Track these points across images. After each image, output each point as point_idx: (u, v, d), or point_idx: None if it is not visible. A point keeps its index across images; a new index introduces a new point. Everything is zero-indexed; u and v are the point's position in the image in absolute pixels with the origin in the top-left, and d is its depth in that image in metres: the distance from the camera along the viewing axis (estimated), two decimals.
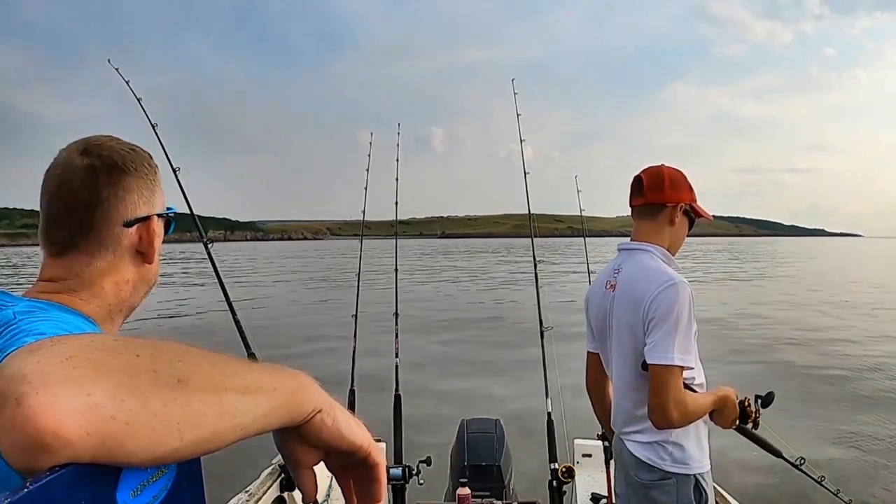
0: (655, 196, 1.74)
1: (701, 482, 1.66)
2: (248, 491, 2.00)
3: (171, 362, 0.37)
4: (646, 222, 1.77)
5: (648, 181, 1.75)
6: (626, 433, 1.75)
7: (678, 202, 1.74)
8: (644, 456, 1.68)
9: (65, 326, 0.66)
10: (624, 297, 1.68)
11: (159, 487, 0.39)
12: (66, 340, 0.35)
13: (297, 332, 11.35)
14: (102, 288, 0.77)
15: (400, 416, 2.82)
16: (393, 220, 3.38)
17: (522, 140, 3.10)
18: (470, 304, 16.51)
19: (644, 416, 1.62)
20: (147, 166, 0.81)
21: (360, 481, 0.50)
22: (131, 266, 0.80)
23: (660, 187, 1.73)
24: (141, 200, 0.79)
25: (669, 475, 1.64)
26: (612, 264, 1.81)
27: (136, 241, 0.79)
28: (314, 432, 0.45)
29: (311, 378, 0.46)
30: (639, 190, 1.77)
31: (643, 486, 1.69)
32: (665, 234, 1.75)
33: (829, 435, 5.63)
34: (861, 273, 31.49)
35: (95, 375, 0.33)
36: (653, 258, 1.70)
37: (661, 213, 1.74)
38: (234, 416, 0.39)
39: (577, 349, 3.68)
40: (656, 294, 1.57)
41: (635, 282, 1.66)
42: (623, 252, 1.80)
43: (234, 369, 0.41)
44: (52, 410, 0.31)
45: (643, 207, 1.77)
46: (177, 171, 1.98)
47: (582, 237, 3.36)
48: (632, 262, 1.73)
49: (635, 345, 1.63)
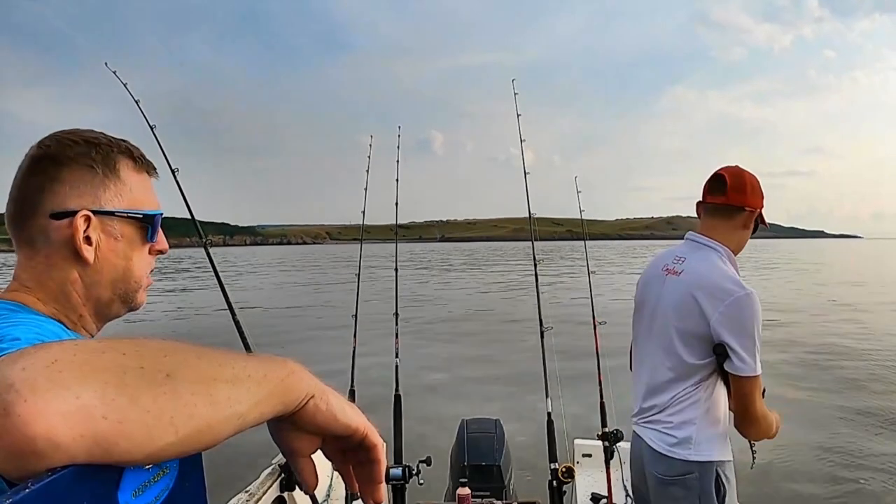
0: (737, 198, 1.73)
1: (721, 475, 1.66)
2: (248, 491, 2.00)
3: (156, 358, 0.37)
4: (720, 222, 1.76)
5: (732, 182, 1.73)
6: (649, 419, 1.75)
7: (755, 208, 1.75)
8: (664, 447, 1.69)
9: (37, 330, 0.64)
10: (688, 287, 1.67)
11: (161, 487, 0.39)
12: (49, 346, 0.35)
13: (297, 333, 11.35)
14: (50, 287, 0.72)
15: (400, 416, 2.81)
16: (392, 225, 3.38)
17: (523, 140, 3.10)
18: (470, 304, 16.50)
19: (672, 401, 1.66)
20: (95, 157, 0.73)
21: (360, 464, 0.50)
22: (74, 264, 0.72)
23: (742, 190, 1.73)
24: (74, 192, 0.71)
25: (691, 468, 1.64)
26: (672, 251, 1.82)
27: (70, 236, 0.71)
28: (309, 418, 0.45)
29: (300, 365, 0.46)
30: (721, 189, 1.74)
31: (662, 483, 1.69)
32: (735, 236, 1.76)
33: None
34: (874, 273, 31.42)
35: (82, 377, 0.33)
36: (722, 259, 1.70)
37: (738, 215, 1.74)
38: (228, 406, 0.38)
39: (577, 349, 3.69)
40: (732, 302, 1.57)
41: (705, 279, 1.65)
42: (690, 242, 1.79)
43: (222, 360, 0.41)
44: (41, 416, 0.31)
45: (721, 207, 1.75)
46: (175, 173, 1.97)
47: (582, 240, 3.36)
48: (700, 257, 1.73)
49: (686, 334, 1.65)
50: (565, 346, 3.28)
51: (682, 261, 1.75)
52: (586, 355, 3.01)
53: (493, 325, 12.41)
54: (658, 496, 1.72)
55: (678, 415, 1.67)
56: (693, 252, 1.75)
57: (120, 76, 2.05)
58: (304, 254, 63.19)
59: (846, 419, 6.04)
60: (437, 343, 10.28)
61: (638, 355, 1.87)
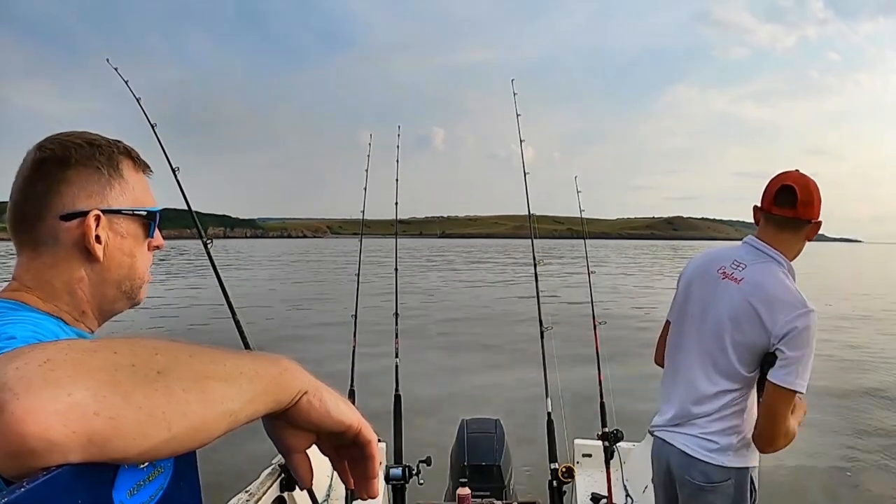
0: (807, 212, 1.68)
1: (753, 480, 1.68)
2: (248, 491, 2.00)
3: (149, 356, 0.37)
4: (788, 235, 1.71)
5: (803, 196, 1.66)
6: (686, 424, 1.74)
7: (819, 220, 1.71)
8: (703, 453, 1.68)
9: (34, 328, 0.65)
10: (748, 297, 1.64)
11: (156, 487, 0.39)
12: (42, 345, 0.35)
13: (297, 332, 11.35)
14: (54, 286, 0.73)
15: (400, 416, 2.82)
16: (392, 220, 3.39)
17: (522, 140, 3.10)
18: (470, 304, 16.51)
19: (720, 409, 1.66)
20: (100, 158, 0.76)
21: (355, 460, 0.50)
22: (82, 264, 0.74)
23: (812, 203, 1.68)
24: (83, 193, 0.74)
25: (729, 474, 1.65)
26: (728, 252, 1.77)
27: (80, 236, 0.73)
28: (302, 415, 0.45)
29: (293, 361, 0.46)
30: (791, 202, 1.67)
31: (700, 489, 1.68)
32: (797, 247, 1.73)
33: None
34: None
35: (75, 375, 0.33)
36: (785, 274, 1.68)
37: (804, 228, 1.70)
38: (221, 403, 0.39)
39: (577, 349, 3.69)
40: (796, 317, 1.56)
41: (769, 292, 1.62)
42: (751, 249, 1.74)
43: (214, 358, 0.41)
44: (34, 414, 0.31)
45: (791, 220, 1.69)
46: (176, 172, 1.98)
47: (582, 238, 3.36)
48: (762, 268, 1.68)
49: (742, 345, 1.63)
50: (565, 345, 3.28)
51: (741, 267, 1.69)
52: (586, 355, 3.01)
53: (493, 325, 12.41)
54: (692, 501, 1.71)
55: (722, 421, 1.67)
56: (755, 260, 1.70)
57: (121, 73, 2.05)
58: (305, 248, 62.98)
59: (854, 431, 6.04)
60: (438, 343, 10.28)
61: (677, 355, 1.83)
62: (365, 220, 3.53)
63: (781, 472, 4.60)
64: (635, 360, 7.41)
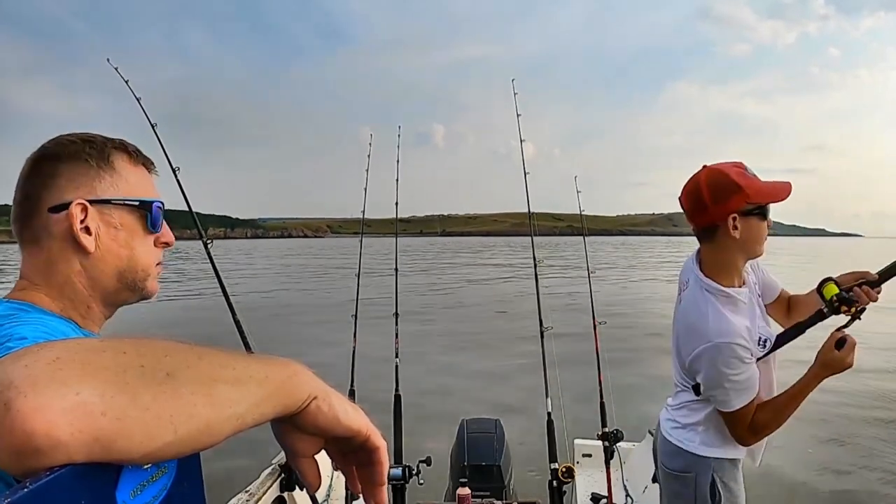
0: (702, 218, 1.61)
1: (720, 476, 1.66)
2: (248, 491, 2.00)
3: (158, 357, 0.37)
4: (706, 245, 1.65)
5: (689, 205, 1.62)
6: (667, 407, 1.78)
7: (728, 213, 1.58)
8: (666, 430, 1.72)
9: (45, 329, 0.65)
10: (677, 322, 1.68)
11: (159, 487, 0.39)
12: (51, 344, 0.35)
13: (297, 332, 11.36)
14: (57, 281, 0.74)
15: (400, 416, 2.82)
16: (393, 219, 3.38)
17: (522, 140, 3.10)
18: (471, 304, 16.51)
19: (682, 401, 1.69)
20: (90, 151, 0.76)
21: (362, 466, 0.50)
22: (75, 255, 0.75)
23: (702, 206, 1.60)
24: (70, 185, 0.74)
25: (687, 460, 1.66)
26: (687, 267, 1.71)
27: (69, 227, 0.74)
28: (310, 420, 0.45)
29: (303, 366, 0.46)
30: (688, 215, 1.64)
31: (665, 474, 1.72)
32: (726, 255, 1.65)
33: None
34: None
35: (82, 374, 0.33)
36: (706, 297, 1.65)
37: (716, 232, 1.62)
38: (228, 407, 0.38)
39: (577, 349, 3.69)
40: (701, 352, 1.58)
41: (686, 321, 1.64)
42: (691, 271, 1.69)
43: (223, 360, 0.41)
44: (40, 412, 0.31)
45: (697, 233, 1.65)
46: (176, 171, 1.98)
47: (580, 235, 3.36)
48: (691, 292, 1.66)
49: (680, 364, 1.67)
50: (565, 345, 3.28)
51: (684, 287, 1.68)
52: (586, 355, 3.02)
53: (493, 325, 12.42)
54: (665, 490, 1.78)
55: (684, 418, 1.71)
56: (692, 281, 1.66)
57: (121, 73, 2.05)
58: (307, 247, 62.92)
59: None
60: (438, 343, 10.28)
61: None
62: (365, 219, 3.53)
63: (779, 476, 4.60)
64: (636, 361, 7.43)
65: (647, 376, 6.96)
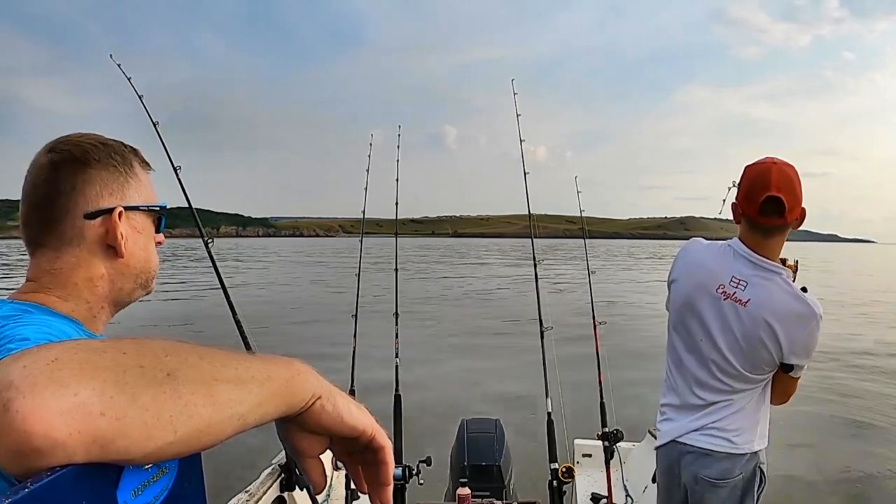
0: (794, 214, 1.63)
1: (762, 466, 1.75)
2: (248, 491, 2.00)
3: (158, 357, 0.37)
4: (775, 238, 1.67)
5: (790, 202, 1.59)
6: (689, 431, 1.76)
7: (803, 207, 1.66)
8: (729, 447, 1.71)
9: (48, 329, 0.65)
10: (760, 318, 1.64)
11: (160, 487, 0.39)
12: (51, 345, 0.35)
13: (297, 332, 11.35)
14: (75, 284, 0.74)
15: (400, 416, 2.81)
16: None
17: (522, 140, 3.12)
18: (470, 303, 16.51)
19: (728, 412, 1.71)
20: (116, 157, 0.78)
21: (368, 465, 0.50)
22: (103, 260, 0.76)
23: (798, 204, 1.63)
24: (105, 191, 0.76)
25: (747, 461, 1.70)
26: (725, 265, 1.70)
27: (103, 233, 0.75)
28: (314, 419, 0.45)
29: (307, 365, 0.46)
30: (779, 212, 1.60)
31: (711, 485, 1.70)
32: (783, 244, 1.72)
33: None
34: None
35: (81, 375, 0.33)
36: (786, 282, 1.69)
37: (790, 227, 1.68)
38: (229, 407, 0.38)
39: (577, 349, 3.69)
40: (811, 331, 1.66)
41: (781, 310, 1.66)
42: (745, 262, 1.69)
43: (224, 360, 0.40)
44: (39, 413, 0.31)
45: (779, 227, 1.64)
46: (178, 170, 1.96)
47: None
48: (765, 285, 1.66)
49: (757, 363, 1.69)
50: (565, 345, 3.28)
51: (742, 286, 1.65)
52: (586, 355, 3.01)
53: (493, 325, 12.41)
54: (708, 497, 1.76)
55: (731, 417, 1.72)
56: (755, 275, 1.65)
57: (124, 70, 2.00)
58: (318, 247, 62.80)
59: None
60: (438, 343, 10.28)
61: (681, 368, 1.81)
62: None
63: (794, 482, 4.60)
64: (636, 361, 7.42)
65: (648, 376, 6.96)
